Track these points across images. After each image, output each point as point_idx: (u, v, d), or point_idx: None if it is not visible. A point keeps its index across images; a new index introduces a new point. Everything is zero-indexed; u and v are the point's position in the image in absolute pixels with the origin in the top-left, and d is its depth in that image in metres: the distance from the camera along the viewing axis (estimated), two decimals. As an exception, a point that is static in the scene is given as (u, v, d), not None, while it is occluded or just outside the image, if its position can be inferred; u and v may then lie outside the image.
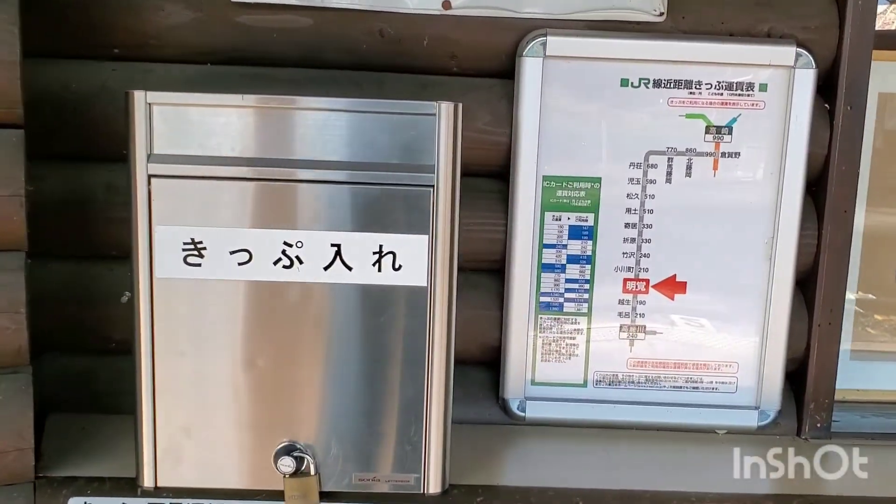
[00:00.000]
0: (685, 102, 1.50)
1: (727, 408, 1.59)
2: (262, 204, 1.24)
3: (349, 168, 1.24)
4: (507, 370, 1.57)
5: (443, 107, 1.23)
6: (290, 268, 1.25)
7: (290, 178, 1.24)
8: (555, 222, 1.54)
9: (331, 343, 1.28)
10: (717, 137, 1.52)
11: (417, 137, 1.24)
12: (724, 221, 1.54)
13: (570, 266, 1.56)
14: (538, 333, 1.57)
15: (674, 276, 1.56)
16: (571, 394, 1.59)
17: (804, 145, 1.51)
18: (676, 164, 1.52)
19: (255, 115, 1.24)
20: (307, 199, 1.24)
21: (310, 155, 1.24)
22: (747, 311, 1.57)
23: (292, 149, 1.24)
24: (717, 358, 1.59)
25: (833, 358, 1.59)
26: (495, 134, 1.52)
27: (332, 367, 1.29)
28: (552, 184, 1.53)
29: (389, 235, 1.25)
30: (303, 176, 1.23)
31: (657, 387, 1.59)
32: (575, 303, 1.57)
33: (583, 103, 1.51)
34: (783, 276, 1.55)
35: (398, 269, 1.25)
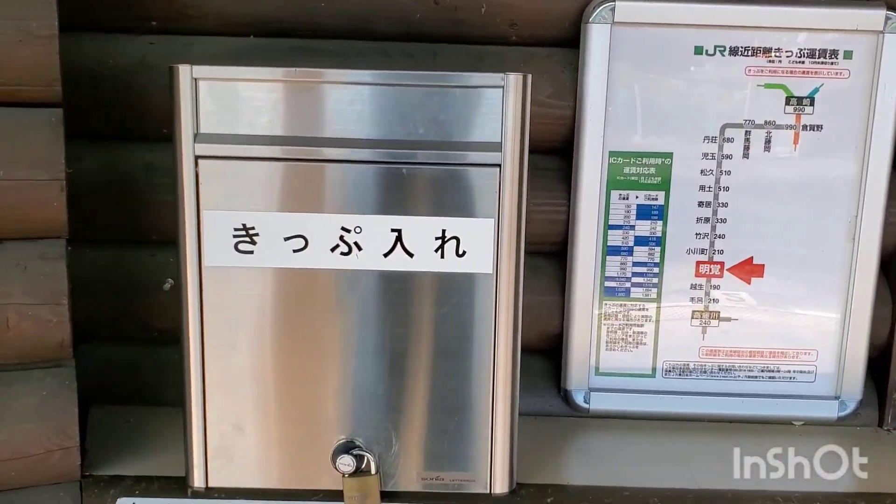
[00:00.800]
0: (764, 71, 1.39)
1: (805, 398, 1.49)
2: (318, 187, 1.16)
3: (410, 147, 1.14)
4: (570, 359, 1.48)
5: (511, 78, 1.14)
6: (349, 255, 1.16)
7: (346, 159, 1.14)
8: (621, 201, 1.44)
9: (391, 335, 1.19)
10: (797, 109, 1.40)
11: (482, 113, 1.15)
12: (804, 199, 1.44)
13: (637, 248, 1.46)
14: (603, 320, 1.48)
15: (750, 258, 1.46)
16: (639, 384, 1.50)
17: (892, 117, 1.39)
18: (754, 138, 1.41)
19: (308, 90, 1.14)
20: (365, 181, 1.15)
21: (367, 134, 1.14)
22: (828, 295, 1.47)
23: (348, 127, 1.15)
24: (795, 345, 1.49)
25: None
26: (558, 107, 1.42)
27: (393, 360, 1.20)
28: (619, 160, 1.42)
29: (453, 219, 1.16)
30: (360, 157, 1.14)
31: (731, 377, 1.50)
32: (643, 287, 1.47)
33: (653, 73, 1.40)
34: (867, 258, 1.44)
35: (462, 255, 1.16)
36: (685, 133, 1.42)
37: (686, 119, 1.41)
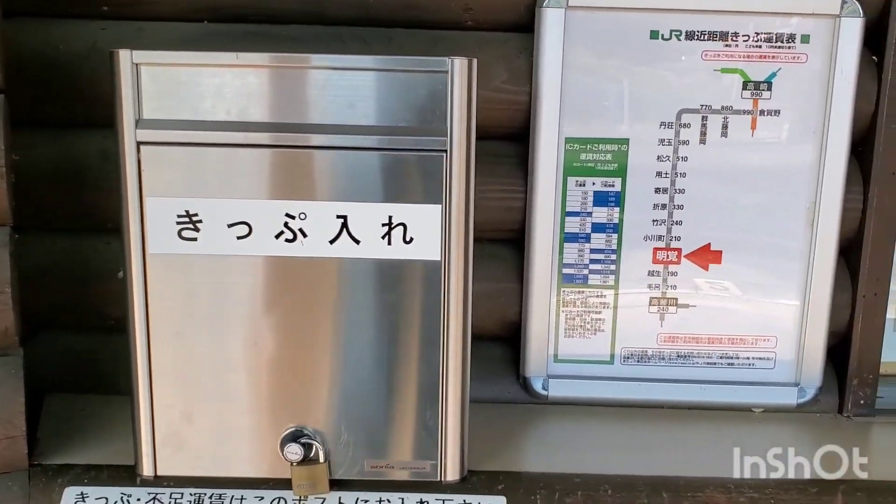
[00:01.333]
0: (720, 56, 1.38)
1: (764, 385, 1.49)
2: (262, 172, 1.14)
3: (354, 132, 1.13)
4: (529, 347, 1.47)
5: (456, 63, 1.12)
6: (293, 241, 1.15)
7: (291, 144, 1.13)
8: (578, 188, 1.43)
9: (338, 322, 1.19)
10: (755, 94, 1.39)
11: (428, 97, 1.13)
12: (762, 185, 1.43)
13: (595, 235, 1.45)
14: (561, 307, 1.47)
15: (708, 244, 1.45)
16: (597, 371, 1.49)
17: (850, 101, 1.38)
18: (711, 124, 1.40)
19: (251, 75, 1.13)
20: (310, 166, 1.14)
21: (312, 118, 1.13)
22: (787, 282, 1.46)
23: (292, 112, 1.13)
24: (754, 332, 1.48)
25: (878, 331, 1.48)
26: (513, 93, 1.41)
27: (341, 348, 1.20)
28: (575, 146, 1.41)
29: (399, 206, 1.15)
30: (305, 141, 1.13)
31: (690, 363, 1.49)
32: (601, 274, 1.46)
33: (609, 58, 1.39)
34: (826, 244, 1.43)
35: (409, 241, 1.16)
36: (641, 119, 1.41)
37: (642, 105, 1.40)
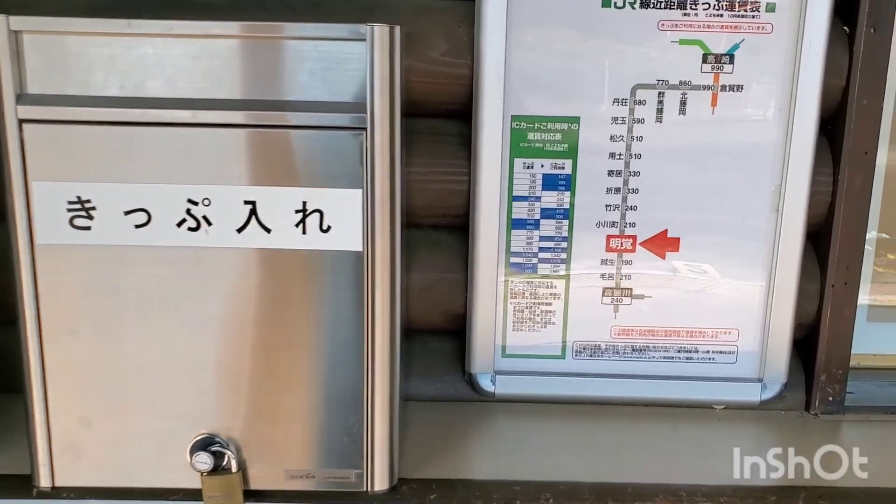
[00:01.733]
0: (678, 26, 1.27)
1: (726, 380, 1.39)
2: (160, 154, 1.03)
3: (262, 108, 1.01)
4: (474, 341, 1.37)
5: (376, 30, 1.01)
6: (197, 230, 1.04)
7: (193, 122, 1.02)
8: (526, 170, 1.32)
9: (250, 318, 1.08)
10: (716, 67, 1.28)
11: (344, 70, 1.02)
12: (723, 167, 1.32)
13: (544, 221, 1.34)
14: (509, 299, 1.37)
15: (665, 231, 1.35)
16: (548, 366, 1.39)
17: (818, 76, 1.27)
18: (668, 100, 1.29)
19: (147, 45, 1.01)
20: (214, 146, 1.02)
21: (215, 94, 1.01)
22: (750, 271, 1.36)
23: (194, 86, 1.02)
24: (714, 324, 1.38)
25: (848, 323, 1.38)
26: (454, 66, 1.29)
27: (255, 348, 1.09)
28: (522, 125, 1.30)
29: (315, 190, 1.03)
30: (207, 118, 1.01)
31: (646, 357, 1.39)
32: (551, 263, 1.36)
33: (557, 28, 1.27)
34: (792, 229, 1.33)
35: (327, 230, 1.04)
36: (593, 95, 1.29)
37: (594, 80, 1.29)
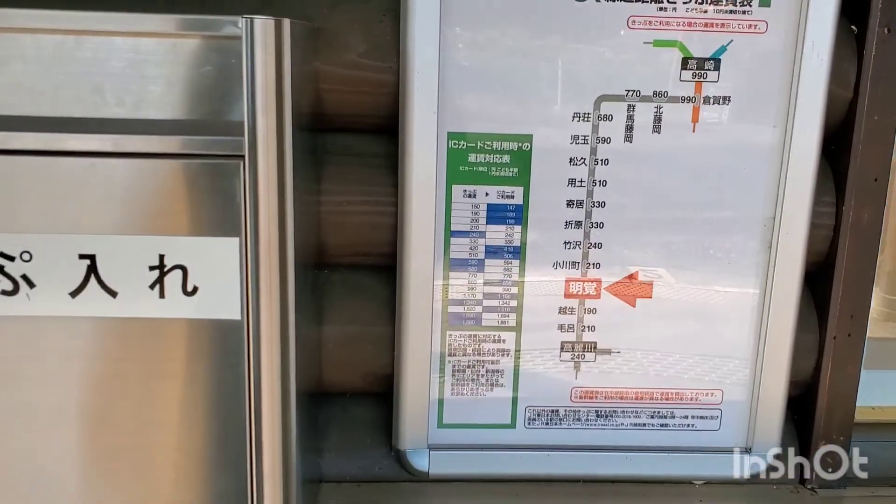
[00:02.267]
0: (652, 24, 1.03)
1: (708, 451, 1.16)
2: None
3: (100, 129, 0.75)
4: (404, 409, 1.11)
5: (256, 26, 0.74)
6: (15, 294, 0.77)
7: (6, 149, 0.74)
8: (467, 200, 1.07)
9: (90, 406, 0.81)
10: (698, 75, 1.05)
11: (212, 77, 0.76)
12: (706, 196, 1.09)
13: (490, 262, 1.09)
14: (446, 356, 1.12)
15: (635, 273, 1.11)
16: (495, 438, 1.14)
17: (822, 86, 1.05)
18: (640, 115, 1.05)
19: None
20: (34, 182, 0.75)
21: (31, 109, 0.74)
22: (737, 320, 1.13)
23: (9, 99, 0.74)
24: (694, 385, 1.15)
25: (852, 381, 1.16)
26: (376, 70, 1.04)
27: (95, 440, 0.82)
28: (462, 144, 1.05)
29: (175, 239, 0.77)
30: (22, 143, 0.74)
31: (612, 425, 1.15)
32: (498, 313, 1.11)
33: (504, 24, 1.02)
34: (788, 270, 1.10)
35: (192, 292, 0.78)
36: (549, 108, 1.05)
37: (550, 89, 1.04)
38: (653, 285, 1.11)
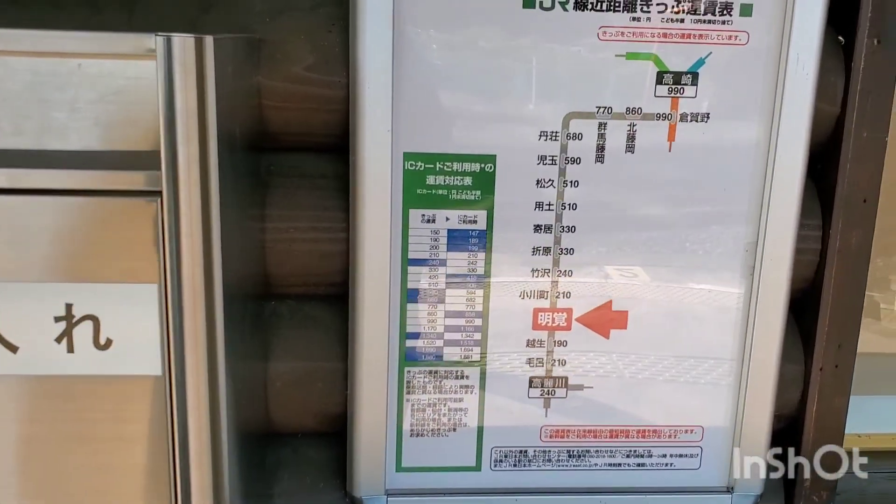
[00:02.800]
0: (625, 34, 0.95)
1: (687, 492, 1.08)
2: None
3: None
4: (358, 452, 1.03)
5: (175, 44, 0.65)
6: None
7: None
8: (426, 225, 0.98)
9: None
10: (674, 90, 0.97)
11: (128, 104, 0.66)
12: (683, 219, 1.01)
13: (451, 291, 1.01)
14: (405, 394, 1.03)
15: (608, 303, 1.02)
16: (458, 482, 1.06)
17: (808, 101, 0.97)
18: (612, 133, 0.97)
19: None
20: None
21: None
22: (717, 352, 1.05)
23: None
24: (673, 421, 1.07)
25: (839, 415, 1.09)
26: (324, 85, 0.95)
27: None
28: (419, 165, 0.96)
29: (85, 286, 0.68)
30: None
31: (585, 466, 1.07)
32: (461, 347, 1.02)
33: (464, 36, 0.93)
34: (771, 298, 1.02)
35: (105, 345, 0.69)
36: (514, 126, 0.96)
37: (514, 106, 0.96)
38: (628, 315, 1.03)
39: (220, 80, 0.69)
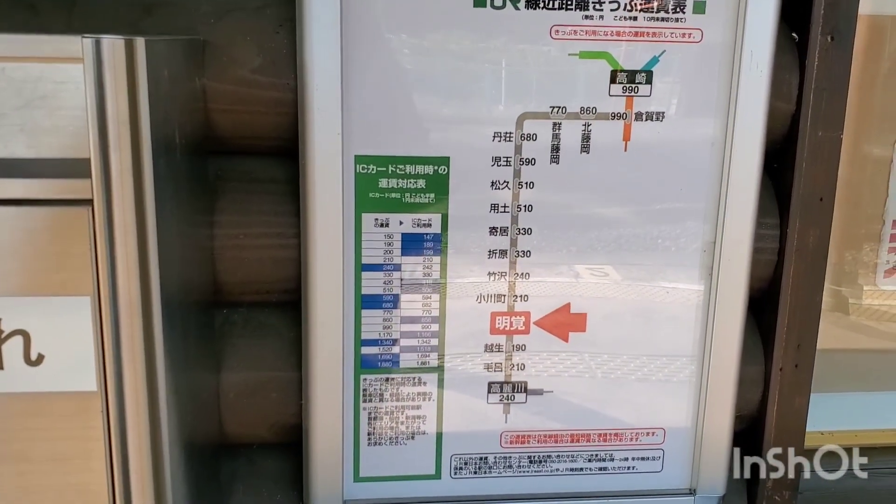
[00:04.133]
0: (577, 33, 0.93)
1: (650, 495, 1.07)
2: None
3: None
4: (315, 462, 1.00)
5: (103, 46, 0.62)
6: None
7: None
8: (379, 230, 0.96)
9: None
10: (628, 89, 0.95)
11: (56, 109, 0.64)
12: (640, 220, 1.00)
13: (406, 297, 0.99)
14: (361, 402, 1.01)
15: (566, 305, 1.01)
16: (418, 490, 1.04)
17: (762, 99, 0.96)
18: (567, 134, 0.95)
19: None
20: None
21: None
22: (677, 353, 1.04)
23: None
24: (634, 423, 1.06)
25: (800, 414, 1.09)
26: (272, 87, 0.93)
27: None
28: (371, 168, 0.94)
29: (15, 300, 0.65)
30: None
31: (547, 471, 1.05)
32: (417, 353, 1.00)
33: (414, 35, 0.92)
34: (730, 299, 1.02)
35: (37, 361, 0.66)
36: (466, 128, 0.94)
37: (467, 106, 0.94)
38: (586, 317, 1.01)
39: (155, 84, 0.67)
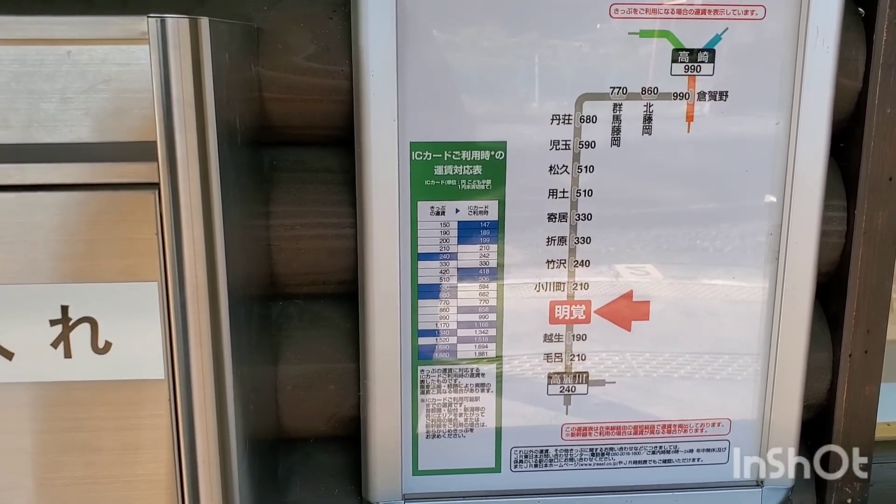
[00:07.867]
0: (637, 12, 0.91)
1: (716, 487, 1.04)
2: None
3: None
4: (373, 456, 0.99)
5: (168, 26, 0.61)
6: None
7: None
8: (435, 218, 0.95)
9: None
10: (691, 68, 0.93)
11: (121, 91, 0.63)
12: (704, 204, 0.97)
13: (463, 286, 0.97)
14: (419, 395, 0.99)
15: (629, 293, 0.99)
16: (477, 484, 1.02)
17: (829, 77, 0.93)
18: (628, 115, 0.93)
19: None
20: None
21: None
22: (743, 341, 1.01)
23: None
24: (699, 414, 1.03)
25: (871, 403, 1.05)
26: (326, 75, 0.91)
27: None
28: (426, 155, 0.93)
29: (81, 286, 0.64)
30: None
31: (609, 464, 1.03)
32: (475, 343, 0.98)
33: (469, 21, 0.90)
34: (798, 285, 0.98)
35: (104, 349, 0.65)
36: (524, 111, 0.93)
37: (524, 89, 0.92)
38: (650, 306, 0.99)
39: (218, 67, 0.66)
